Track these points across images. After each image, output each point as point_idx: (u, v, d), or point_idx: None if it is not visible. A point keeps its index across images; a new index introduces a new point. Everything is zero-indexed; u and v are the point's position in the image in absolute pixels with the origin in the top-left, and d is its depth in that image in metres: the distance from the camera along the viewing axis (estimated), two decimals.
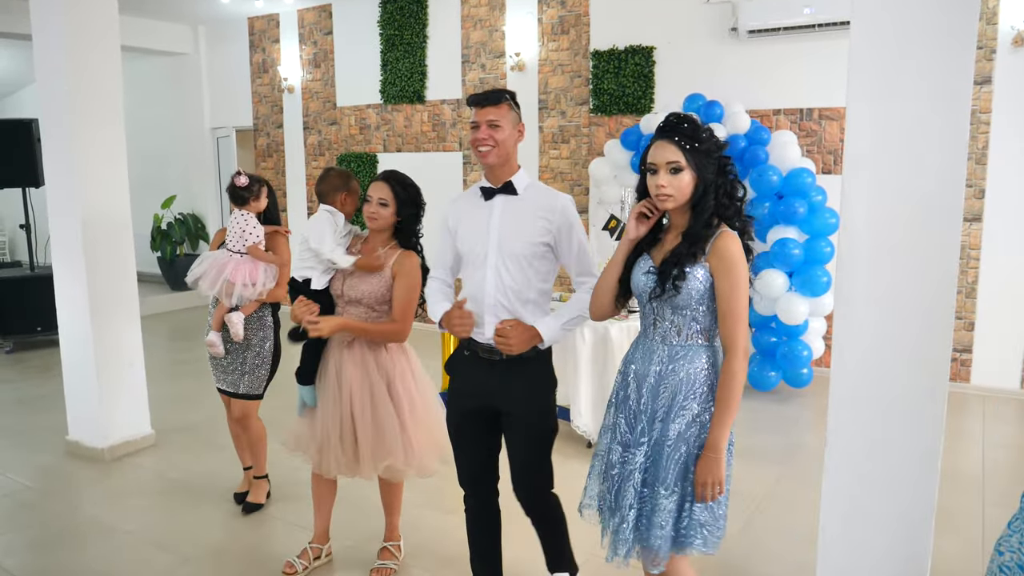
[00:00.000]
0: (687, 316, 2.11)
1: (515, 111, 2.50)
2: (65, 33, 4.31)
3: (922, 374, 2.31)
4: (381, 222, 2.90)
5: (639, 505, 2.15)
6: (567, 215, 2.48)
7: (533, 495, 2.65)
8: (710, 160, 2.08)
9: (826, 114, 6.03)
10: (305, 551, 3.24)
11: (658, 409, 2.14)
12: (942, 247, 2.25)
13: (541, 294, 2.53)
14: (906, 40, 2.22)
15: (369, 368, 2.97)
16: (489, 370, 2.54)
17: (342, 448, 2.96)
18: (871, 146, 2.30)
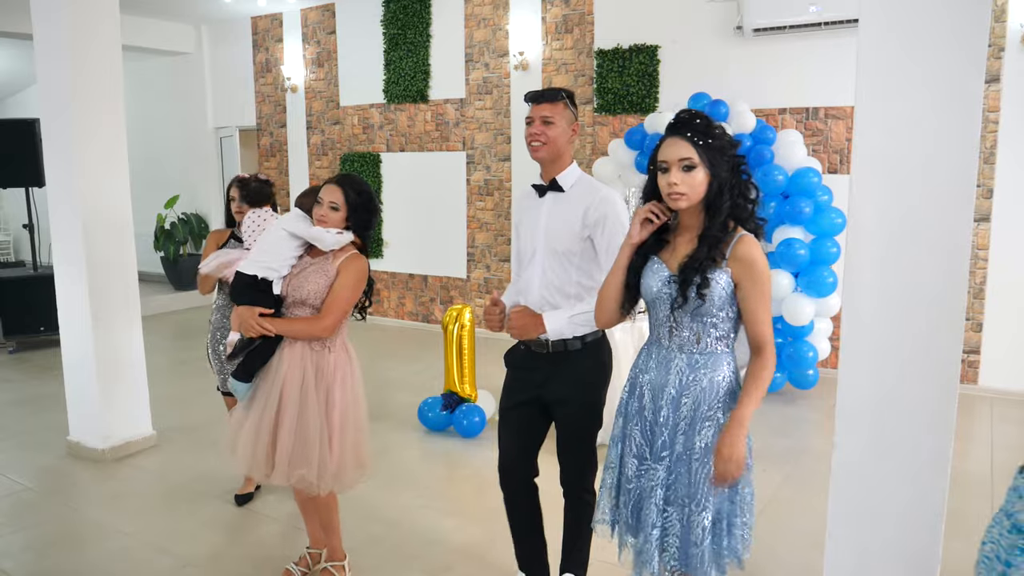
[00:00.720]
0: (707, 323, 2.04)
1: (571, 110, 2.55)
2: (66, 32, 4.29)
3: (932, 376, 2.27)
4: (330, 225, 2.83)
5: (663, 523, 2.06)
6: (603, 207, 2.49)
7: (577, 489, 2.71)
8: (724, 158, 2.00)
9: (832, 113, 5.98)
10: (303, 557, 3.20)
11: (680, 421, 2.05)
12: (952, 248, 2.21)
13: (585, 290, 2.54)
14: (915, 37, 2.18)
15: (307, 371, 2.83)
16: (540, 363, 2.60)
17: (256, 447, 2.81)
18: (880, 145, 2.26)
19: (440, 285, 8.25)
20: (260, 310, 2.81)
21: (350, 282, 2.83)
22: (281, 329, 2.81)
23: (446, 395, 4.94)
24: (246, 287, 2.87)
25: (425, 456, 4.65)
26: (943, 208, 2.20)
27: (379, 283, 8.67)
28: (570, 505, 2.76)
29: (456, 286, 8.12)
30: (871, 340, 2.33)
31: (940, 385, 2.26)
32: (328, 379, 2.84)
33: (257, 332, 2.79)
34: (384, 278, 8.63)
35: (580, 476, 2.70)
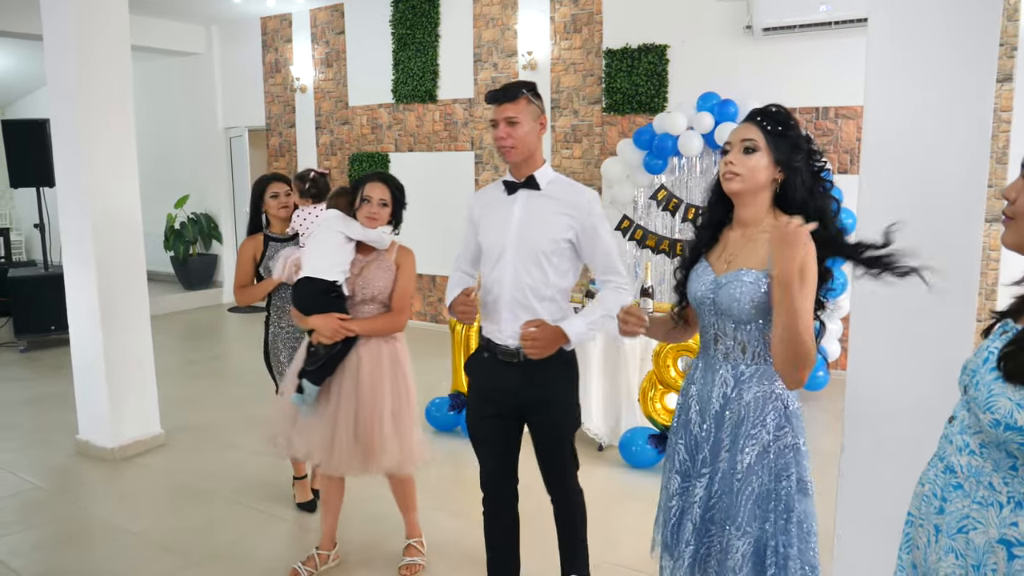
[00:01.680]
0: (752, 331, 1.87)
1: (535, 103, 2.43)
2: (74, 32, 4.30)
3: (942, 377, 2.25)
4: (380, 222, 2.95)
5: (696, 543, 1.92)
6: (592, 212, 2.43)
7: (562, 486, 2.66)
8: (795, 152, 1.86)
9: (843, 113, 5.95)
10: (311, 557, 3.21)
11: (723, 437, 1.90)
12: (963, 249, 2.18)
13: (559, 292, 2.48)
14: (925, 36, 2.16)
15: (383, 361, 2.99)
16: (509, 371, 2.49)
17: (355, 445, 2.92)
18: (889, 146, 2.24)
19: None
20: (339, 316, 2.89)
21: (413, 273, 3.04)
22: (365, 329, 2.94)
23: (453, 395, 4.93)
24: (319, 294, 2.90)
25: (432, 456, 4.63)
26: (954, 209, 2.17)
27: None
28: (559, 508, 2.70)
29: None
30: (880, 342, 2.31)
31: (950, 386, 2.23)
32: (402, 368, 3.02)
33: (341, 336, 2.88)
34: None
35: (565, 477, 2.65)
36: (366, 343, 2.98)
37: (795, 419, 1.90)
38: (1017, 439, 1.26)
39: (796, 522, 1.85)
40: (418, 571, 3.23)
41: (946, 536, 1.37)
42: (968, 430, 1.38)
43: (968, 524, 1.33)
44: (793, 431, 1.88)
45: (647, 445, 4.25)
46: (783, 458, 1.86)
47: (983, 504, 1.32)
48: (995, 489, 1.31)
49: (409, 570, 3.21)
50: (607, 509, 3.83)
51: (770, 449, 1.86)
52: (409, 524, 3.33)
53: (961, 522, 1.35)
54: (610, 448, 4.53)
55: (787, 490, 1.86)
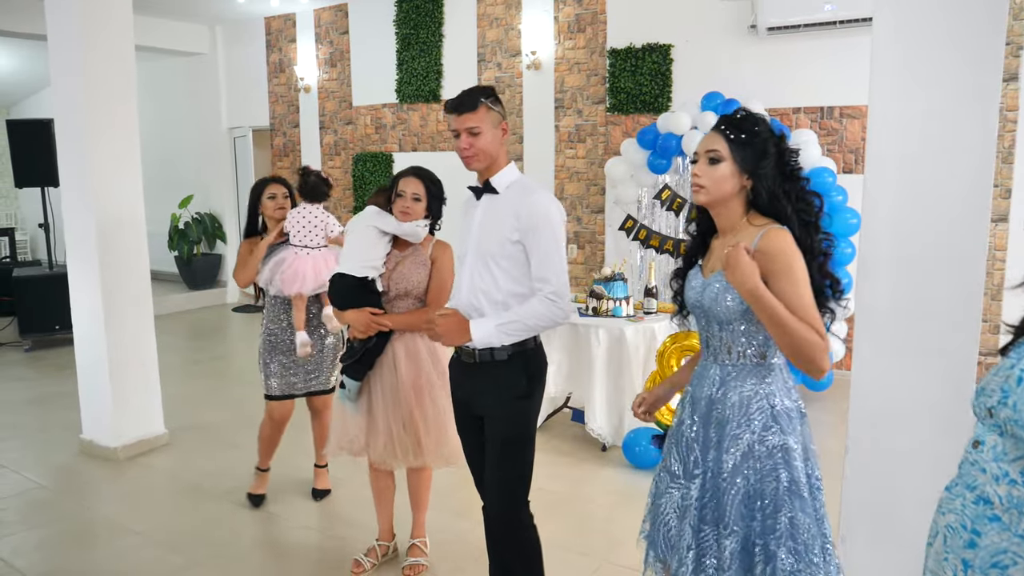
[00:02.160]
0: (734, 331, 1.89)
1: (494, 110, 2.38)
2: (79, 33, 4.31)
3: (947, 378, 2.24)
4: (415, 217, 2.97)
5: (698, 545, 1.91)
6: (535, 214, 2.32)
7: (503, 519, 2.46)
8: (760, 157, 1.87)
9: (848, 112, 5.92)
10: (373, 548, 3.27)
11: (711, 437, 1.92)
12: (969, 249, 2.17)
13: (513, 296, 2.37)
14: (931, 35, 2.15)
15: (422, 355, 3.00)
16: (469, 374, 2.49)
17: (406, 438, 2.97)
18: (894, 145, 2.23)
19: None
20: (371, 310, 2.91)
21: (449, 268, 2.99)
22: (399, 323, 2.95)
23: None
24: (352, 289, 2.94)
25: None
26: (960, 208, 2.16)
27: None
28: (505, 541, 2.47)
29: None
30: (884, 342, 2.29)
31: (955, 387, 2.23)
32: (442, 361, 2.99)
33: (375, 330, 2.90)
34: None
35: (506, 501, 2.43)
36: (401, 338, 3.00)
37: (784, 419, 1.88)
38: None
39: (785, 523, 1.83)
40: (421, 571, 3.22)
41: (978, 572, 1.25)
42: (1005, 456, 1.25)
43: (1006, 559, 1.23)
44: (782, 431, 1.87)
45: (650, 445, 4.23)
46: (771, 459, 1.85)
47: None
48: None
49: (413, 570, 3.21)
50: (610, 509, 3.82)
51: (755, 450, 1.86)
52: (416, 524, 3.33)
53: (997, 557, 1.24)
54: (613, 448, 4.52)
55: (774, 490, 1.84)
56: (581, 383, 4.60)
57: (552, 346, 4.53)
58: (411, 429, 2.97)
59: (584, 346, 4.49)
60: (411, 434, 2.98)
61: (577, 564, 3.25)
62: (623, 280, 4.73)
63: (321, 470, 4.02)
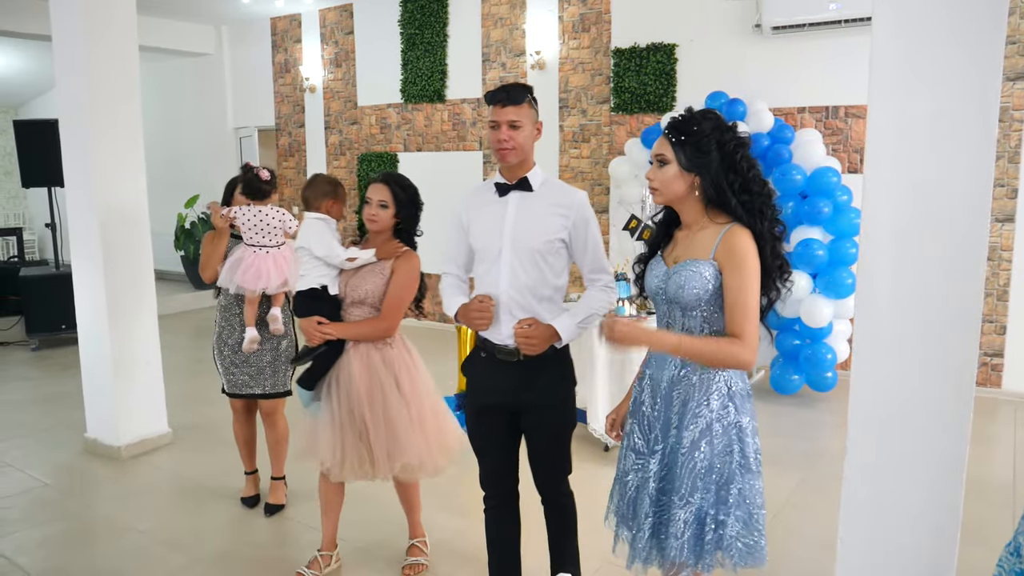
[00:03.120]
0: (697, 317, 2.02)
1: (534, 108, 2.47)
2: (83, 33, 4.33)
3: (947, 379, 2.22)
4: (381, 223, 2.91)
5: (655, 514, 2.07)
6: (583, 211, 2.46)
7: (553, 488, 2.64)
8: (701, 153, 1.98)
9: (852, 112, 5.90)
10: (315, 560, 3.20)
11: (672, 416, 2.06)
12: (969, 249, 2.15)
13: (556, 290, 2.50)
14: (931, 33, 2.13)
15: (375, 365, 2.94)
16: (508, 371, 2.50)
17: (358, 451, 2.92)
18: (894, 145, 2.21)
19: None
20: (318, 318, 2.88)
21: (406, 281, 2.93)
22: (344, 333, 2.90)
23: (460, 395, 4.92)
24: (307, 297, 2.94)
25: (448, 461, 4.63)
26: (960, 208, 2.14)
27: None
28: (550, 510, 2.70)
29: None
30: (885, 343, 2.28)
31: (956, 388, 2.21)
32: (395, 372, 2.96)
33: (320, 339, 2.86)
34: None
35: (558, 480, 2.64)
36: (356, 348, 2.94)
37: (739, 399, 2.04)
38: None
39: (735, 494, 2.00)
40: (421, 571, 3.22)
41: None
42: None
43: None
44: (737, 410, 2.03)
45: None
46: (727, 435, 2.01)
47: None
48: None
49: (412, 570, 3.21)
50: None
51: (713, 427, 2.00)
52: (412, 524, 3.33)
53: None
54: (615, 448, 4.51)
55: (727, 465, 2.01)
56: (583, 383, 4.57)
57: None
58: (364, 441, 2.91)
59: (586, 345, 4.48)
60: (365, 446, 2.91)
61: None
62: (625, 280, 4.70)
63: (276, 483, 3.89)
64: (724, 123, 2.04)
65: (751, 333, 1.94)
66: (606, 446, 4.54)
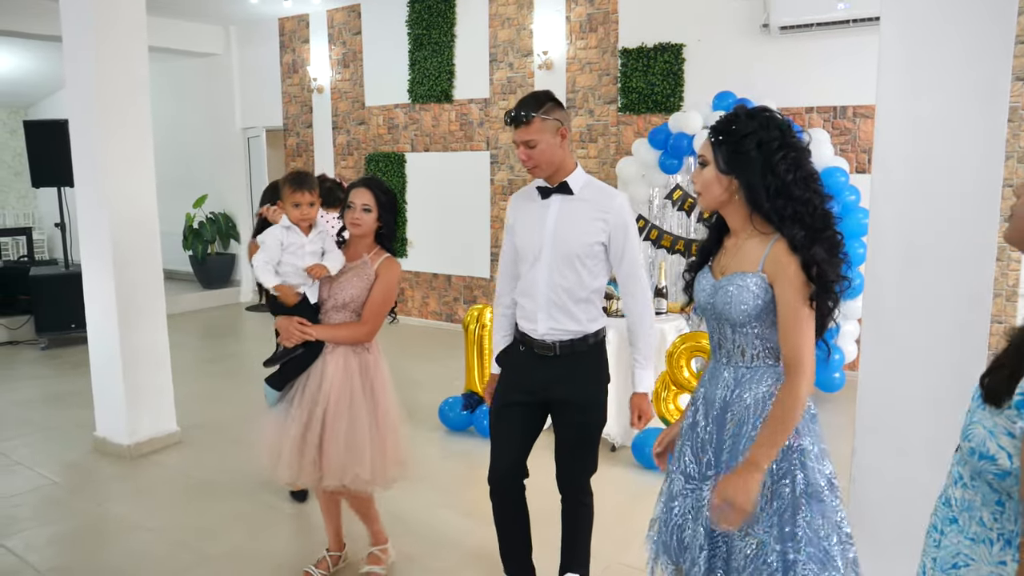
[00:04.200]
0: (748, 334, 1.87)
1: (550, 119, 2.45)
2: (93, 34, 4.35)
3: (956, 380, 2.21)
4: (364, 228, 2.86)
5: (711, 546, 1.89)
6: (623, 215, 2.50)
7: (576, 486, 2.68)
8: (740, 154, 1.83)
9: (861, 112, 5.88)
10: (323, 560, 3.21)
11: (725, 439, 1.90)
12: (977, 249, 2.15)
13: (593, 292, 2.55)
14: (939, 34, 2.13)
15: (352, 371, 2.87)
16: (544, 365, 2.57)
17: (303, 454, 2.80)
18: (902, 145, 2.21)
19: (464, 285, 8.26)
20: (299, 319, 2.83)
21: (389, 287, 2.90)
22: (324, 335, 2.86)
23: (467, 395, 4.93)
24: (280, 301, 2.89)
25: (444, 455, 4.65)
26: (968, 208, 2.14)
27: (403, 282, 8.71)
28: (568, 508, 2.73)
29: (480, 286, 8.12)
30: (892, 344, 2.28)
31: (963, 389, 2.20)
32: (371, 379, 2.91)
33: (300, 339, 2.81)
34: (408, 277, 8.66)
35: (581, 478, 2.68)
36: (333, 352, 2.87)
37: (799, 421, 1.84)
38: (991, 469, 1.18)
39: (805, 527, 1.79)
40: None
41: (939, 572, 1.30)
42: (962, 461, 1.29)
43: (960, 560, 1.27)
44: (797, 432, 1.83)
45: None
46: (787, 461, 1.82)
47: (975, 540, 1.24)
48: (985, 525, 1.23)
49: None
50: (619, 510, 3.81)
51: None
52: (372, 534, 3.22)
53: (954, 558, 1.28)
54: (623, 449, 4.51)
55: (791, 493, 1.81)
56: None
57: None
58: (312, 446, 2.80)
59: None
60: (310, 452, 2.80)
61: None
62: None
63: None
64: (773, 122, 1.86)
65: (807, 357, 1.78)
66: (613, 446, 4.54)
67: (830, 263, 1.82)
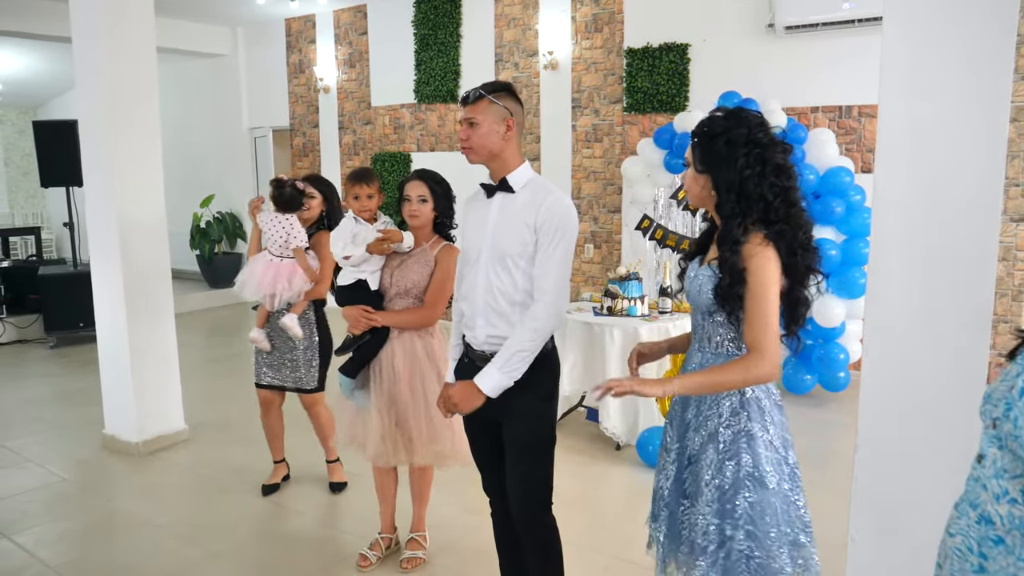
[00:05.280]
0: (715, 322, 1.98)
1: (498, 104, 2.31)
2: (102, 35, 4.39)
3: (959, 379, 2.22)
4: (422, 219, 3.00)
5: (670, 515, 2.07)
6: (552, 213, 2.28)
7: (528, 515, 2.43)
8: (712, 153, 1.91)
9: (866, 111, 5.88)
10: (376, 542, 3.34)
11: (688, 418, 2.05)
12: (980, 249, 2.16)
13: (529, 295, 2.33)
14: (942, 33, 2.14)
15: (418, 354, 3.05)
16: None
17: (398, 435, 3.04)
18: (904, 145, 2.22)
19: None
20: (364, 307, 2.99)
21: (449, 272, 3.00)
22: (390, 321, 3.02)
23: None
24: (347, 290, 3.07)
25: None
26: (970, 208, 2.15)
27: None
28: (527, 540, 2.46)
29: None
30: (895, 343, 2.29)
31: (966, 388, 2.22)
32: (437, 362, 3.06)
33: (366, 326, 2.98)
34: None
35: (530, 502, 2.41)
36: (399, 337, 3.06)
37: (753, 407, 1.94)
38: None
39: (746, 506, 1.88)
40: (419, 565, 3.27)
41: None
42: (1005, 473, 1.17)
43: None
44: (749, 418, 1.92)
45: None
46: (735, 444, 1.92)
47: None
48: None
49: (410, 563, 3.25)
50: (623, 508, 3.83)
51: (719, 435, 1.94)
52: (416, 517, 3.38)
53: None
54: (627, 447, 4.53)
55: (733, 474, 1.90)
56: (595, 382, 4.60)
57: (566, 345, 4.55)
58: (404, 427, 3.04)
59: (599, 345, 4.50)
60: (404, 432, 3.04)
61: (589, 561, 3.27)
62: (638, 279, 4.74)
63: (332, 465, 4.11)
64: (744, 121, 1.90)
65: (769, 344, 1.84)
66: (617, 445, 4.56)
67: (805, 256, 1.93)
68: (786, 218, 1.91)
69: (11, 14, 8.00)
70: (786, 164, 1.92)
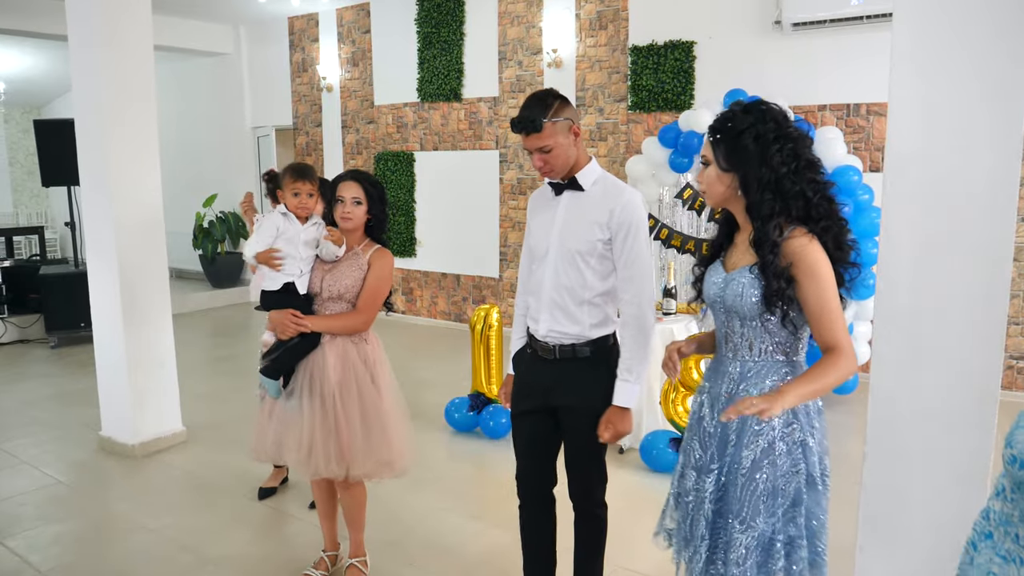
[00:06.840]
0: (757, 328, 1.88)
1: (559, 121, 2.33)
2: (98, 33, 4.34)
3: (970, 383, 2.15)
4: (355, 221, 2.87)
5: (711, 537, 1.93)
6: (629, 211, 2.33)
7: (586, 497, 2.55)
8: (738, 150, 1.84)
9: (874, 109, 5.79)
10: (321, 560, 3.19)
11: (729, 433, 1.91)
12: (994, 249, 2.08)
13: (600, 295, 2.40)
14: (953, 27, 2.07)
15: (351, 360, 2.88)
16: (546, 368, 2.48)
17: (331, 446, 2.82)
18: (916, 142, 2.15)
19: (472, 284, 8.22)
20: (292, 311, 2.83)
21: (382, 276, 2.90)
22: (320, 326, 2.86)
23: (473, 396, 4.89)
24: (274, 295, 2.90)
25: (451, 457, 4.61)
26: (983, 208, 2.07)
27: (412, 282, 8.69)
28: (581, 521, 2.60)
29: (488, 285, 8.09)
30: (905, 345, 2.21)
31: (980, 392, 2.14)
32: (372, 368, 2.92)
33: (294, 331, 2.81)
34: (417, 277, 8.64)
35: (589, 490, 2.55)
36: (332, 343, 2.87)
37: (803, 415, 1.88)
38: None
39: (804, 514, 1.86)
40: None
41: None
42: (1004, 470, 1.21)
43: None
44: (802, 427, 1.86)
45: (668, 448, 4.17)
46: (792, 454, 1.85)
47: (1007, 559, 1.14)
48: (1020, 542, 1.13)
49: None
50: (627, 512, 3.75)
51: (776, 445, 1.85)
52: (354, 543, 3.14)
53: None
54: (631, 451, 4.46)
55: (796, 485, 1.86)
56: None
57: None
58: (334, 437, 2.82)
59: None
60: (334, 442, 2.82)
61: None
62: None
63: (278, 469, 4.03)
64: (769, 114, 1.85)
65: (845, 339, 1.79)
66: (621, 448, 4.49)
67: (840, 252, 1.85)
68: (828, 214, 1.85)
69: (13, 12, 7.97)
70: (816, 158, 1.88)
